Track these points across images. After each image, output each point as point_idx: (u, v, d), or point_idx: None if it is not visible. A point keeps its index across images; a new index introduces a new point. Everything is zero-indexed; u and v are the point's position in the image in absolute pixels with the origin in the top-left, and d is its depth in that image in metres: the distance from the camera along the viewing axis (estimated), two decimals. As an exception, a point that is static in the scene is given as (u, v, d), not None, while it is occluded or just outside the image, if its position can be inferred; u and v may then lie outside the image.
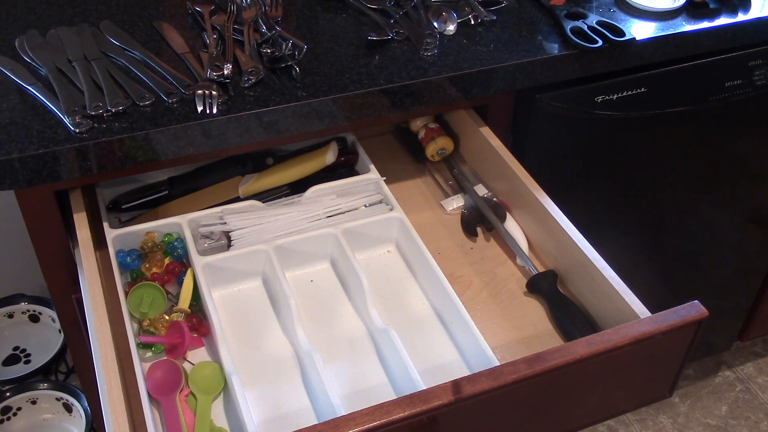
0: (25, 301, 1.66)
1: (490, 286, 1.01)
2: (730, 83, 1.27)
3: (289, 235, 0.99)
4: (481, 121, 1.14)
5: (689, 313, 0.81)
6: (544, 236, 1.02)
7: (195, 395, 0.84)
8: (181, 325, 0.88)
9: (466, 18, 1.15)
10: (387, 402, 0.72)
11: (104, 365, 0.79)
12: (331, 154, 1.09)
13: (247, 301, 0.97)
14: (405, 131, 1.24)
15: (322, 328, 0.94)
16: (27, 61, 1.02)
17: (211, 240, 0.99)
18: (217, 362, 0.87)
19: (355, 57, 1.07)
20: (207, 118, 0.95)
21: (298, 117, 0.99)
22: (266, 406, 0.85)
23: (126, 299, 0.91)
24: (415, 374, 0.82)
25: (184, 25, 1.12)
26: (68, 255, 1.02)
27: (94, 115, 0.93)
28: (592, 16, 1.16)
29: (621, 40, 1.11)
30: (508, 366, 0.76)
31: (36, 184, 0.92)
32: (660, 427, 1.82)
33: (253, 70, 1.01)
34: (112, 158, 0.93)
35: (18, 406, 1.52)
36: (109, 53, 1.04)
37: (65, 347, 1.60)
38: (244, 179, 1.09)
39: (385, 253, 1.04)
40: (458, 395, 0.72)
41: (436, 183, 1.18)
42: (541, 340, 0.94)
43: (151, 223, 0.98)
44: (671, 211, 1.45)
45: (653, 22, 1.18)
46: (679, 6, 1.20)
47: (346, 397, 0.85)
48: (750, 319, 1.80)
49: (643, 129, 1.28)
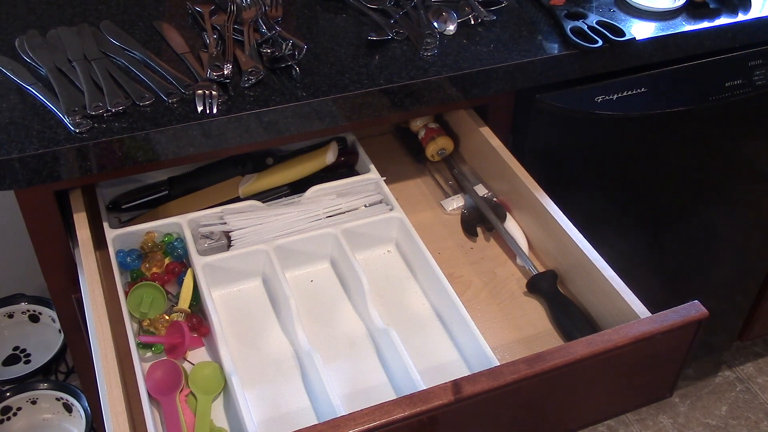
0: (25, 301, 1.66)
1: (490, 286, 1.01)
2: (730, 83, 1.27)
3: (289, 235, 0.99)
4: (481, 121, 1.14)
5: (689, 313, 0.81)
6: (544, 236, 1.02)
7: (195, 395, 0.84)
8: (181, 325, 0.88)
9: (466, 18, 1.15)
10: (387, 402, 0.72)
11: (104, 365, 0.79)
12: (331, 154, 1.09)
13: (247, 301, 0.97)
14: (405, 131, 1.24)
15: (322, 328, 0.94)
16: (27, 61, 1.02)
17: (211, 240, 0.99)
18: (217, 362, 0.87)
19: (355, 57, 1.07)
20: (207, 118, 0.95)
21: (298, 117, 0.99)
22: (266, 406, 0.85)
23: (126, 299, 0.91)
24: (415, 374, 0.82)
25: (184, 25, 1.12)
26: (68, 255, 1.02)
27: (94, 115, 0.93)
28: (592, 16, 1.16)
29: (621, 40, 1.11)
30: (508, 366, 0.76)
31: (36, 184, 0.92)
32: (660, 427, 1.82)
33: (253, 70, 1.01)
34: (112, 158, 0.93)
35: (18, 406, 1.52)
36: (109, 53, 1.04)
37: (65, 347, 1.60)
38: (244, 179, 1.09)
39: (385, 253, 1.04)
40: (458, 395, 0.72)
41: (436, 183, 1.18)
42: (541, 340, 0.94)
43: (151, 223, 0.98)
44: (671, 211, 1.45)
45: (653, 22, 1.18)
46: (679, 6, 1.20)
47: (346, 397, 0.85)
48: (750, 319, 1.80)
49: (643, 129, 1.28)
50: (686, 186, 1.42)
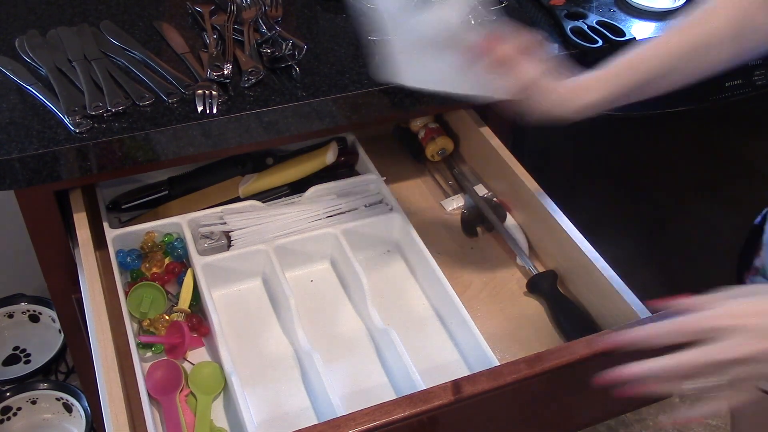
0: (25, 301, 1.66)
1: (490, 286, 1.01)
2: (730, 83, 1.27)
3: (289, 235, 0.99)
4: (481, 121, 1.14)
5: (689, 313, 0.81)
6: (544, 236, 1.02)
7: (195, 395, 0.84)
8: (181, 325, 0.88)
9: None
10: (387, 402, 0.72)
11: (104, 365, 0.79)
12: (331, 154, 1.09)
13: (247, 301, 0.97)
14: (405, 131, 1.24)
15: (322, 328, 0.94)
16: (27, 61, 1.02)
17: (211, 240, 0.99)
18: (217, 362, 0.87)
19: (355, 57, 1.07)
20: (207, 118, 0.95)
21: (298, 117, 0.99)
22: (266, 406, 0.85)
23: (126, 299, 0.91)
24: (415, 374, 0.82)
25: (184, 25, 1.12)
26: (68, 255, 1.02)
27: (94, 115, 0.93)
28: (592, 16, 1.16)
29: (621, 40, 1.11)
30: (508, 366, 0.76)
31: (36, 184, 0.92)
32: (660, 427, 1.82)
33: (253, 70, 1.00)
34: (112, 158, 0.93)
35: (18, 406, 1.52)
36: (109, 53, 1.04)
37: (65, 347, 1.60)
38: (244, 179, 1.09)
39: (385, 253, 1.04)
40: (458, 395, 0.72)
41: (436, 183, 1.18)
42: (541, 340, 0.94)
43: (151, 223, 0.98)
44: (671, 211, 1.45)
45: (653, 22, 1.18)
46: (679, 6, 1.20)
47: (346, 397, 0.85)
48: (750, 319, 1.79)
49: (643, 129, 1.28)
50: (686, 186, 1.42)
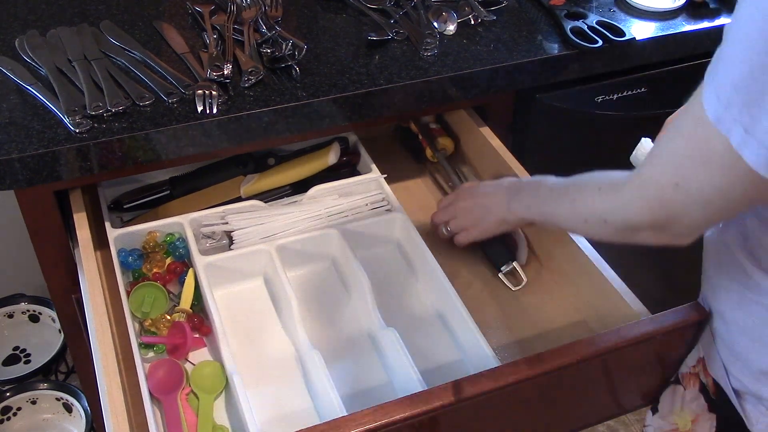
0: (25, 301, 1.66)
1: (491, 286, 1.01)
2: (730, 83, 1.27)
3: (291, 234, 0.99)
4: (481, 121, 1.14)
5: (689, 313, 0.81)
6: (544, 236, 1.02)
7: (196, 394, 0.84)
8: (182, 325, 0.88)
9: (466, 18, 1.15)
10: (388, 402, 0.72)
11: (104, 365, 0.79)
12: (333, 155, 1.09)
13: (249, 300, 0.97)
14: (405, 131, 1.24)
15: (323, 328, 0.94)
16: (27, 61, 1.02)
17: (213, 240, 0.99)
18: (218, 362, 0.87)
19: (355, 57, 1.07)
20: (207, 118, 0.95)
21: (298, 117, 0.99)
22: (268, 406, 0.85)
23: (128, 299, 0.91)
24: (416, 374, 0.82)
25: (184, 25, 1.12)
26: (68, 255, 1.02)
27: (94, 115, 0.93)
28: (592, 16, 1.16)
29: (621, 40, 1.11)
30: (509, 366, 0.76)
31: (36, 184, 0.92)
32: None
33: (253, 70, 1.01)
34: (112, 158, 0.93)
35: (18, 406, 1.52)
36: (109, 53, 1.04)
37: (65, 347, 1.60)
38: (246, 179, 1.09)
39: (386, 252, 1.04)
40: (459, 396, 0.73)
41: (437, 183, 1.18)
42: (541, 340, 0.94)
43: (152, 223, 0.98)
44: (671, 210, 1.45)
45: (653, 22, 1.18)
46: (679, 6, 1.21)
47: (347, 397, 0.85)
48: (750, 318, 1.79)
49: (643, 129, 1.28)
50: (686, 186, 1.42)
